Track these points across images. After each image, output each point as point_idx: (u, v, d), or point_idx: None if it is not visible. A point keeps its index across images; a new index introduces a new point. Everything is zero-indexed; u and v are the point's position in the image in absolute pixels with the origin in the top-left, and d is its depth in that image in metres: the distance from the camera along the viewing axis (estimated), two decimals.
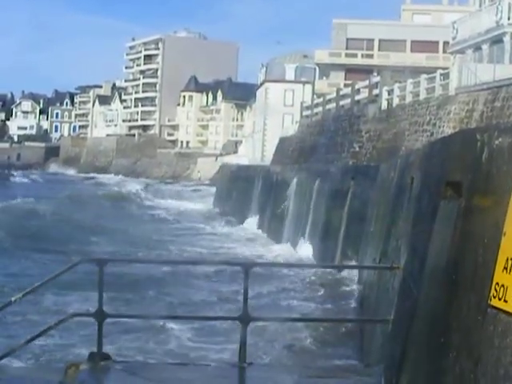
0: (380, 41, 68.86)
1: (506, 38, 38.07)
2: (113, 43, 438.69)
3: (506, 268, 4.94)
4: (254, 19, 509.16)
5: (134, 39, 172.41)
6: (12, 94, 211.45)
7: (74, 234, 36.31)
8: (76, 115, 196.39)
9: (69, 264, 8.81)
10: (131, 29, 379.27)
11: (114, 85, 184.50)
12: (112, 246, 32.93)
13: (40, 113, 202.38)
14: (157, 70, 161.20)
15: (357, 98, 48.72)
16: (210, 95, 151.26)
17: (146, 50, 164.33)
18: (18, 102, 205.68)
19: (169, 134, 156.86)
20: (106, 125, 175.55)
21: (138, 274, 23.40)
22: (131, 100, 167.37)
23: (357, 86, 49.73)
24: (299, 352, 15.05)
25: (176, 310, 18.63)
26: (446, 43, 53.76)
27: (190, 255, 31.36)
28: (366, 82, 47.85)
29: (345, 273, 22.99)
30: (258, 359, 12.63)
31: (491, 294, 5.03)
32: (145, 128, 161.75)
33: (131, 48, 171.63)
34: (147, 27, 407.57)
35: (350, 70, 66.71)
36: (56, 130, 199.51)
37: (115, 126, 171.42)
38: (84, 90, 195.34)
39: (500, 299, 4.92)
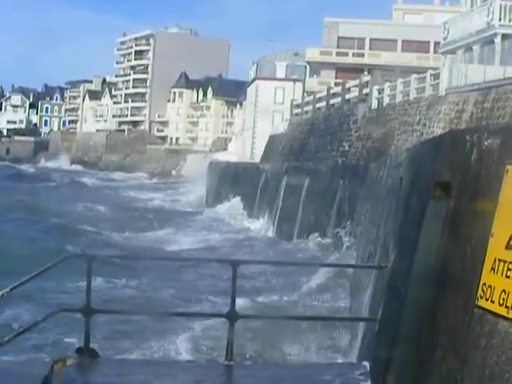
0: (371, 40, 68.93)
1: (497, 39, 38.13)
2: (104, 38, 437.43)
3: (493, 269, 4.96)
4: (246, 16, 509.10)
5: (125, 34, 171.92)
6: (2, 87, 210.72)
7: None
8: (66, 110, 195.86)
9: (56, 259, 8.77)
10: (122, 24, 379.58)
11: (105, 80, 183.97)
12: None
13: (30, 107, 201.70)
14: (147, 65, 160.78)
15: (347, 96, 48.75)
16: (201, 92, 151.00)
17: (136, 45, 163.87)
18: (7, 95, 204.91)
19: (158, 130, 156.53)
20: (95, 120, 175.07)
21: None
22: (121, 95, 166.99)
23: (347, 85, 49.76)
24: None
25: None
26: (436, 43, 53.82)
27: None
28: (357, 81, 47.88)
29: None
30: None
31: (478, 295, 5.05)
32: (135, 124, 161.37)
33: (122, 43, 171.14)
34: (139, 23, 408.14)
35: (341, 69, 66.77)
36: (46, 125, 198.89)
37: (105, 121, 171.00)
38: (74, 84, 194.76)
39: (487, 300, 4.94)
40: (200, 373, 8.25)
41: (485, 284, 5.01)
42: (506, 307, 4.72)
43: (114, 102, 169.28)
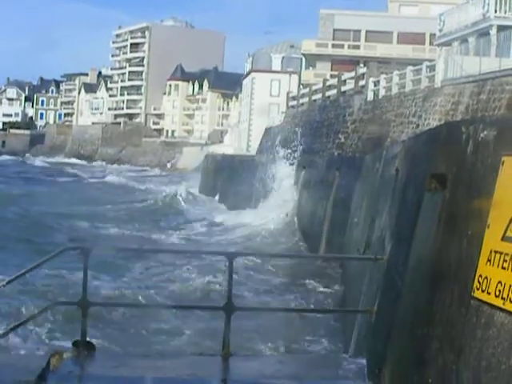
0: (367, 32, 68.81)
1: (493, 31, 38.13)
2: (99, 31, 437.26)
3: (489, 260, 4.96)
4: (242, 9, 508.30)
5: (120, 27, 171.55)
6: None
7: None
8: (61, 103, 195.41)
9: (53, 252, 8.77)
10: (118, 17, 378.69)
11: (100, 73, 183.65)
12: None
13: (25, 100, 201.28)
14: (143, 58, 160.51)
15: (343, 88, 48.67)
16: (196, 84, 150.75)
17: (132, 38, 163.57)
18: (3, 88, 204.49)
19: (154, 123, 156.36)
20: (91, 113, 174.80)
21: None
22: (117, 88, 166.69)
23: (343, 77, 49.67)
24: None
25: None
26: (432, 35, 53.78)
27: None
28: (353, 73, 47.80)
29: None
30: None
31: (474, 286, 5.06)
32: (130, 116, 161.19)
33: (118, 36, 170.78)
34: (134, 15, 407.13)
35: (337, 61, 66.68)
36: (41, 118, 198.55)
37: (101, 114, 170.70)
38: (70, 77, 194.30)
39: (483, 291, 4.95)
40: (196, 365, 8.25)
41: (481, 275, 5.02)
42: (502, 298, 4.73)
43: (110, 95, 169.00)
